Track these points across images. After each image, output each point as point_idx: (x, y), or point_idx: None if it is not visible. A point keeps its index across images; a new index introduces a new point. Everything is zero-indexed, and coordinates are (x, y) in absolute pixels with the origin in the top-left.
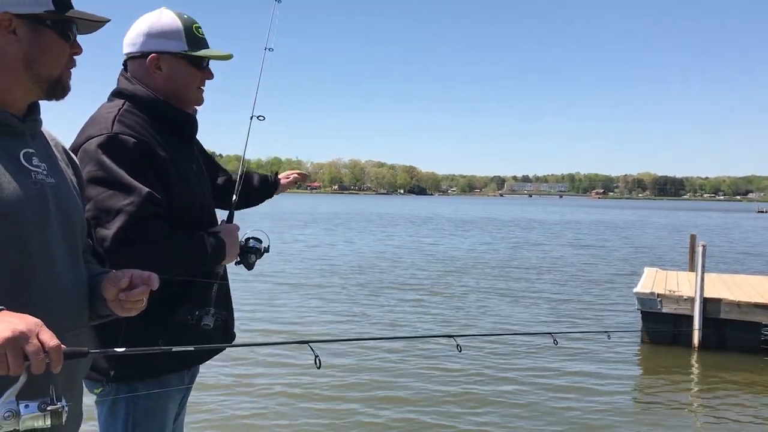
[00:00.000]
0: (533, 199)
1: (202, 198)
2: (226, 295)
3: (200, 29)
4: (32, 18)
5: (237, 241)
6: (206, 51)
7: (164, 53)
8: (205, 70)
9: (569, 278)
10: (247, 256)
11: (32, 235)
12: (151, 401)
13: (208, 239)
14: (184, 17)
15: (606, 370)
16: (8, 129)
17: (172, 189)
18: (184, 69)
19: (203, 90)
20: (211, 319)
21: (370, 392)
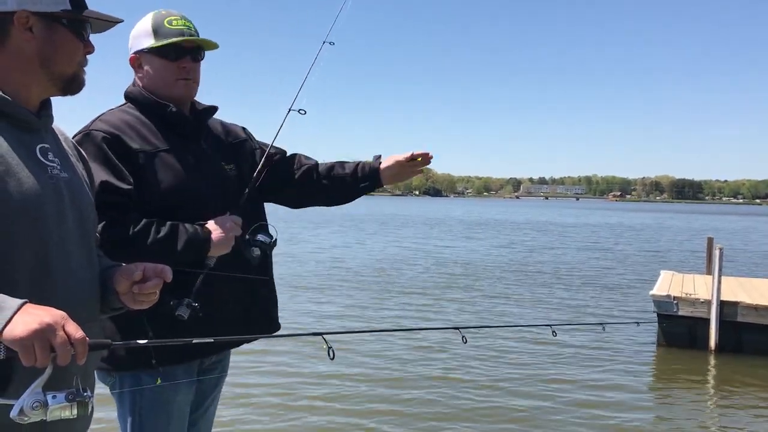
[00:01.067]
0: (549, 201)
1: (200, 192)
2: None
3: (175, 21)
4: (49, 17)
5: (229, 232)
6: (168, 40)
7: (139, 52)
8: (181, 60)
9: (584, 282)
10: (250, 250)
11: (50, 230)
12: (156, 392)
13: (184, 229)
14: (160, 14)
15: (622, 372)
16: (26, 125)
17: (150, 180)
18: (156, 63)
19: (188, 82)
20: (185, 310)
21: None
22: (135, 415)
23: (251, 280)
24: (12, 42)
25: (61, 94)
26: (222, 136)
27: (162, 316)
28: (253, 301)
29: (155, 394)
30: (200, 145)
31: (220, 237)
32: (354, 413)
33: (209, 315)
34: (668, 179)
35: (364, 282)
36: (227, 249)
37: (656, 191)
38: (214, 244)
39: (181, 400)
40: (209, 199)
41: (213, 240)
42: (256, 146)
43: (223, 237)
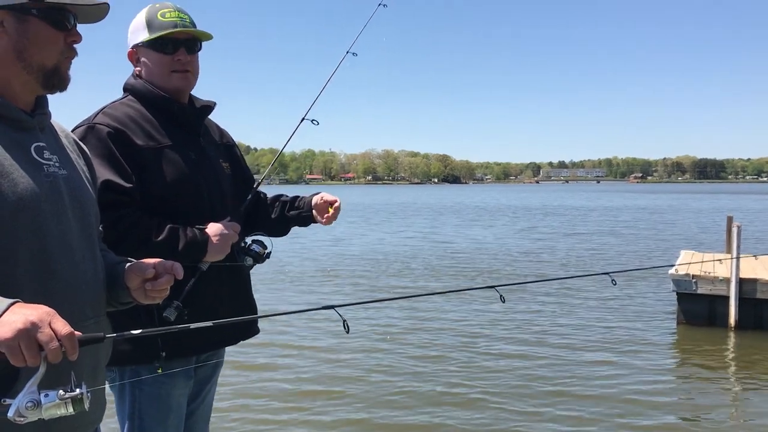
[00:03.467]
0: (570, 185)
1: (201, 187)
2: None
3: (168, 13)
4: (17, 9)
5: (228, 239)
6: (159, 32)
7: (135, 46)
8: (177, 53)
9: (604, 264)
10: (244, 258)
11: (49, 227)
12: (155, 387)
13: (183, 232)
14: (154, 7)
15: (643, 351)
16: (18, 123)
17: (153, 175)
18: (151, 56)
19: (185, 74)
20: (172, 312)
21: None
22: (134, 409)
23: (243, 287)
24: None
25: (44, 90)
26: (217, 135)
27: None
28: (244, 306)
29: (154, 387)
30: (199, 141)
31: (218, 243)
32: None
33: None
34: (690, 159)
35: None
36: (222, 255)
37: (678, 172)
38: (211, 250)
39: (178, 393)
40: (208, 194)
41: (211, 245)
42: (241, 155)
43: (221, 243)
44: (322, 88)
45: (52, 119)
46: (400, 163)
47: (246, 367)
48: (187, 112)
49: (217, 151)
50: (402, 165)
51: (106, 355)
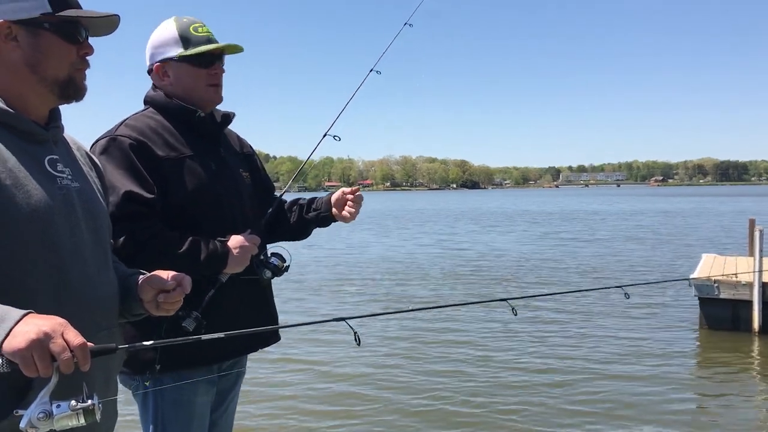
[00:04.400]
0: (590, 189)
1: (222, 197)
2: (261, 299)
3: (201, 28)
4: (30, 23)
5: (248, 252)
6: (200, 48)
7: (165, 60)
8: (212, 67)
9: (625, 270)
10: (263, 271)
11: (62, 239)
12: (177, 394)
13: (204, 245)
14: (182, 21)
15: (665, 356)
16: (32, 137)
17: (174, 186)
18: (186, 70)
19: (218, 87)
20: (191, 323)
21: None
22: (157, 418)
23: (262, 297)
24: (0, 54)
25: (62, 102)
26: (237, 144)
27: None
28: (263, 315)
29: (176, 396)
30: (220, 151)
31: (239, 255)
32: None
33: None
34: (711, 161)
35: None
36: (242, 268)
37: (699, 174)
38: (231, 262)
39: (201, 401)
40: (228, 204)
41: (231, 257)
42: (261, 165)
43: (241, 256)
44: (345, 105)
45: (64, 132)
46: (418, 169)
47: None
48: (208, 122)
49: (237, 161)
50: (420, 171)
51: (119, 366)
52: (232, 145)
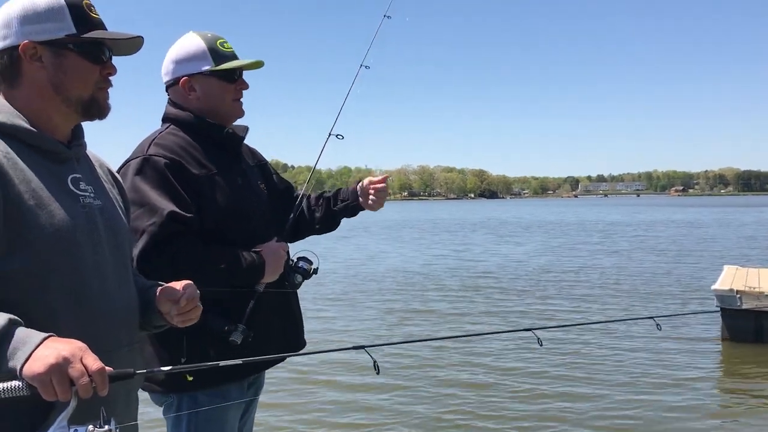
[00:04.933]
0: (609, 199)
1: (249, 211)
2: (288, 306)
3: (225, 44)
4: (54, 43)
5: (281, 259)
6: (233, 63)
7: (194, 75)
8: (238, 82)
9: (648, 284)
10: (294, 276)
11: (85, 257)
12: (212, 411)
13: (243, 256)
14: (207, 36)
15: (687, 367)
16: (55, 156)
17: (208, 203)
18: (215, 85)
19: (241, 102)
20: (239, 336)
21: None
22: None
23: (288, 303)
24: (25, 74)
25: (85, 119)
26: (250, 156)
27: (217, 341)
28: (290, 321)
29: (210, 413)
30: (241, 165)
31: (273, 264)
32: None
33: (256, 337)
34: (733, 171)
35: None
36: (277, 276)
37: (720, 184)
38: (268, 271)
39: (233, 415)
40: (255, 217)
41: (267, 267)
42: (273, 171)
43: (276, 264)
44: (342, 103)
45: (87, 150)
46: (435, 179)
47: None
48: (236, 138)
49: (255, 173)
50: (438, 180)
51: (139, 383)
52: (246, 158)
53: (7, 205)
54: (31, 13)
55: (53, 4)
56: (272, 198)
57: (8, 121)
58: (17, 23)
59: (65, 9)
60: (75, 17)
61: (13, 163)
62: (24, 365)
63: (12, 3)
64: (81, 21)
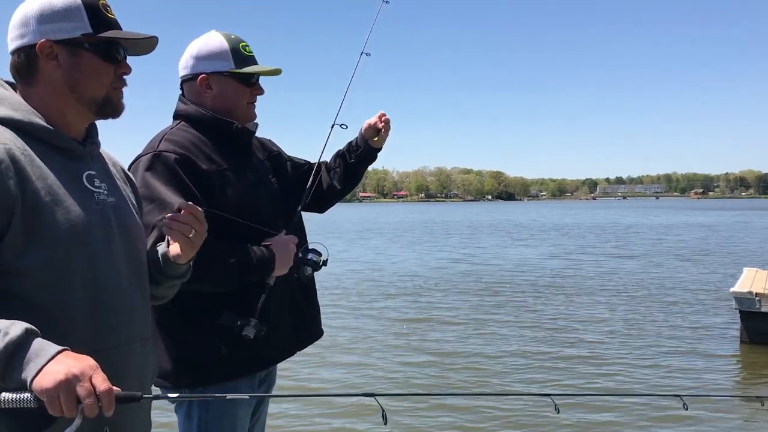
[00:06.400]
0: (627, 201)
1: (259, 206)
2: (300, 298)
3: (247, 47)
4: (70, 43)
5: (290, 252)
6: (253, 68)
7: (213, 73)
8: (254, 86)
9: (666, 290)
10: (304, 268)
11: (99, 253)
12: (222, 407)
13: (253, 251)
14: (231, 37)
15: (705, 370)
16: (71, 153)
17: (218, 199)
18: (232, 86)
19: (254, 105)
20: (252, 330)
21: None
22: (202, 429)
23: (300, 296)
24: (41, 72)
25: (97, 118)
26: (260, 150)
27: (228, 337)
28: (302, 315)
29: (221, 409)
30: (252, 161)
31: (283, 257)
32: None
33: (268, 331)
34: (754, 174)
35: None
36: (287, 269)
37: (741, 187)
38: (278, 265)
39: (243, 413)
40: (265, 212)
41: (277, 260)
42: (287, 158)
43: (286, 257)
44: (345, 91)
45: (101, 148)
46: (452, 181)
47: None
48: (246, 133)
49: (265, 168)
50: (455, 182)
51: (152, 379)
52: (257, 152)
53: (24, 201)
54: (49, 13)
55: (70, 3)
56: (284, 190)
57: (25, 119)
58: (35, 22)
59: (82, 9)
60: (91, 17)
61: (30, 160)
62: (34, 378)
63: (30, 2)
64: (97, 21)
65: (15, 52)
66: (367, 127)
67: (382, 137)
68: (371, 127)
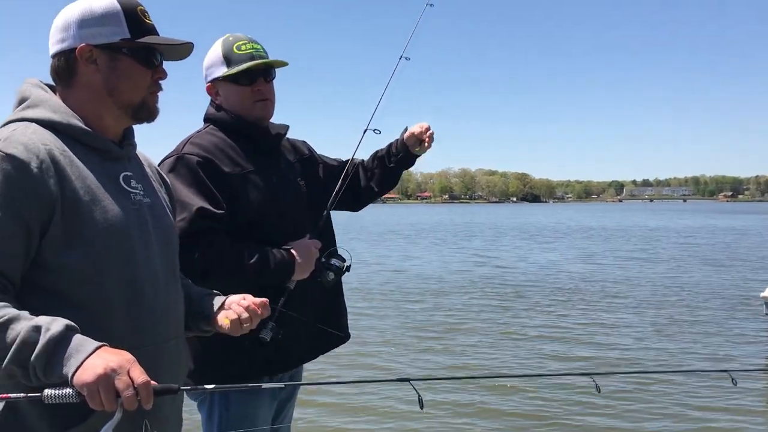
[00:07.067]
0: (654, 204)
1: (283, 208)
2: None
3: (244, 45)
4: (109, 47)
5: (312, 257)
6: (240, 66)
7: (214, 80)
8: (256, 83)
9: (695, 297)
10: (326, 273)
11: (136, 253)
12: (242, 407)
13: (272, 254)
14: (228, 41)
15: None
16: (108, 154)
17: (240, 201)
18: (231, 89)
19: (265, 103)
20: (268, 333)
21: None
22: (222, 428)
23: (324, 300)
24: (80, 76)
25: (133, 122)
26: (291, 153)
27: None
28: (325, 319)
29: (242, 407)
30: (279, 163)
31: (304, 261)
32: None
33: (287, 334)
34: None
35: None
36: (307, 274)
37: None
38: (298, 269)
39: (264, 412)
40: (291, 215)
41: (297, 264)
42: (319, 161)
43: (306, 262)
44: (381, 96)
45: (137, 150)
46: (477, 182)
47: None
48: (270, 135)
49: (295, 171)
50: (479, 184)
51: (184, 375)
52: (287, 155)
53: (64, 200)
54: (89, 18)
55: (110, 9)
56: (314, 193)
57: (64, 121)
58: (75, 27)
59: (121, 15)
60: (130, 22)
61: (70, 161)
62: (75, 373)
63: (71, 7)
64: (135, 26)
65: (55, 56)
66: (410, 136)
67: (423, 148)
68: (414, 137)
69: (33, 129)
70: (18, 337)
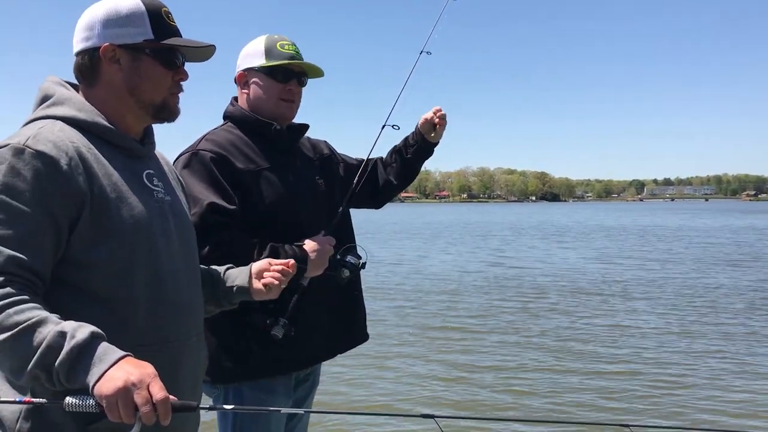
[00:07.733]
0: (676, 203)
1: (298, 206)
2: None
3: (286, 45)
4: (132, 47)
5: (325, 254)
6: (280, 61)
7: (247, 70)
8: (289, 83)
9: (720, 302)
10: (341, 270)
11: (159, 250)
12: (257, 404)
13: (284, 250)
14: (273, 38)
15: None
16: (131, 152)
17: (253, 197)
18: (263, 81)
19: (291, 103)
20: (280, 330)
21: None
22: (236, 427)
23: (339, 298)
24: (103, 75)
25: (153, 122)
26: (310, 151)
27: (260, 335)
28: (341, 318)
29: (255, 405)
30: (296, 162)
31: (317, 258)
32: None
33: (301, 332)
34: None
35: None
36: (321, 270)
37: None
38: (311, 265)
39: (278, 413)
40: (305, 213)
41: (310, 261)
42: (339, 160)
43: (320, 258)
44: (400, 91)
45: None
46: (495, 181)
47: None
48: (285, 135)
49: (313, 169)
50: (498, 183)
51: (203, 372)
52: (306, 153)
53: (93, 196)
54: (114, 18)
55: (135, 10)
56: (333, 192)
57: (89, 119)
58: (100, 26)
59: (145, 15)
60: (153, 24)
61: (96, 158)
62: (96, 383)
63: (96, 7)
64: (159, 27)
65: (79, 54)
66: (423, 122)
67: (438, 132)
68: (427, 122)
69: (60, 126)
70: (44, 342)
